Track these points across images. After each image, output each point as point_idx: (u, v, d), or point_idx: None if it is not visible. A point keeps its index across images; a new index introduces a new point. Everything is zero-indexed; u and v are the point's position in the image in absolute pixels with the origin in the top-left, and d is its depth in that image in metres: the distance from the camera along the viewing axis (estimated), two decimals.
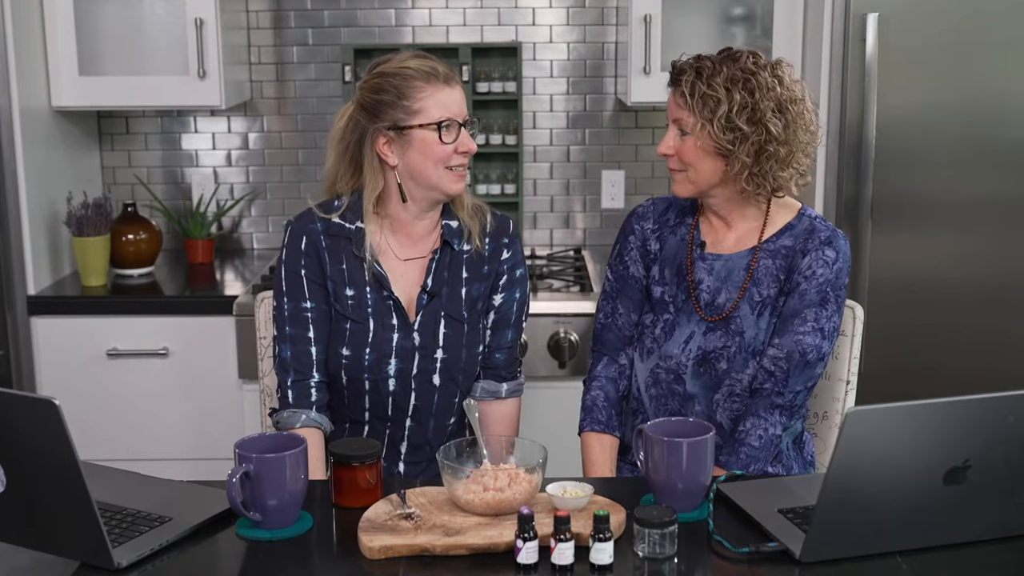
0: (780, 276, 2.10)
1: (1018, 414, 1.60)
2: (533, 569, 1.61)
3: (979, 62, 2.97)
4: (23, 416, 1.55)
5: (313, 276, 2.17)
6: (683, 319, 2.16)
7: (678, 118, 2.08)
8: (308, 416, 2.15)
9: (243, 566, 1.67)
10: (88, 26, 3.21)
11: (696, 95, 2.04)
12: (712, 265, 2.16)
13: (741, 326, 2.11)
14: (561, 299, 3.04)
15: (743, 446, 2.07)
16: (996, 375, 3.02)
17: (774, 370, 2.08)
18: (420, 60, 2.13)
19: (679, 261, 2.19)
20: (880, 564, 1.63)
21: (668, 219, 2.24)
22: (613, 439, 2.23)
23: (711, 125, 2.03)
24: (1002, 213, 3.04)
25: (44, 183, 3.20)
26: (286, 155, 3.64)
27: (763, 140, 2.03)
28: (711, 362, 2.12)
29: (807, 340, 2.06)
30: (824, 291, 2.07)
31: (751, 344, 2.10)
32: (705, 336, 2.13)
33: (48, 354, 3.11)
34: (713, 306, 2.14)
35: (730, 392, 2.12)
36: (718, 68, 2.05)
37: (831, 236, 2.10)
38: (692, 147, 2.07)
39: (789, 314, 2.08)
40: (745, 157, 2.04)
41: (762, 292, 2.11)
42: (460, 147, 2.11)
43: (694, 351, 2.13)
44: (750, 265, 2.12)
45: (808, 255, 2.08)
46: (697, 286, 2.15)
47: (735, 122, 2.02)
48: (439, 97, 2.10)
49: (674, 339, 2.15)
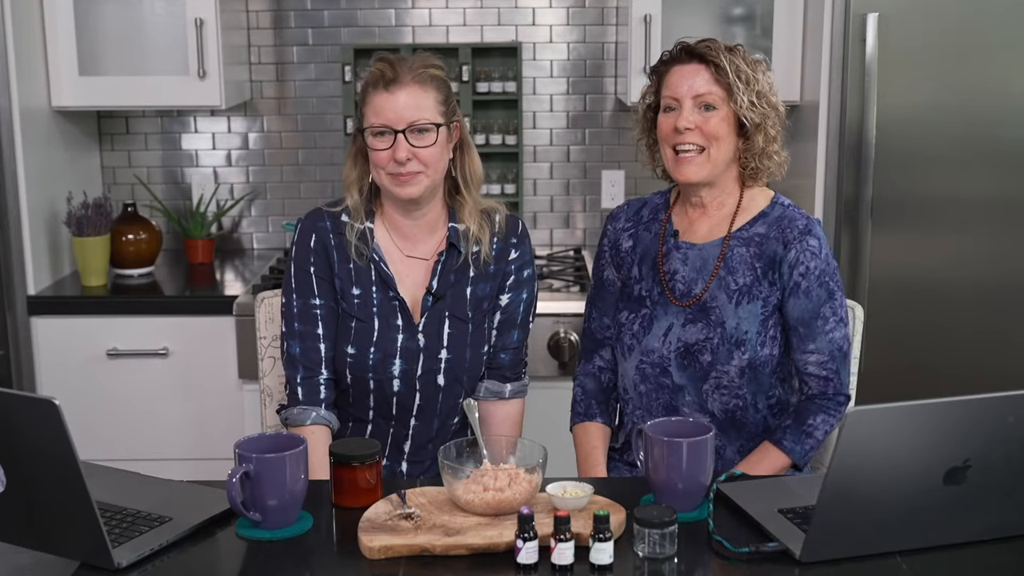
0: (756, 264, 2.12)
1: (1018, 414, 1.60)
2: (533, 569, 1.61)
3: (979, 62, 2.97)
4: (23, 416, 1.55)
5: (322, 274, 2.18)
6: (660, 311, 2.17)
7: (702, 93, 2.09)
8: (318, 414, 2.15)
9: (243, 566, 1.67)
10: (88, 26, 3.21)
11: (732, 70, 2.08)
12: (687, 254, 2.17)
13: (721, 316, 2.12)
14: (561, 299, 3.05)
15: (810, 438, 2.09)
16: (996, 375, 3.02)
17: (826, 373, 2.11)
18: (381, 64, 2.12)
19: (653, 255, 2.21)
20: (880, 564, 1.63)
21: (642, 216, 2.26)
22: (598, 425, 2.26)
23: (744, 98, 2.07)
24: (1002, 213, 3.04)
25: (44, 183, 3.20)
26: (286, 155, 3.64)
27: (774, 121, 2.12)
28: (694, 355, 2.12)
29: (837, 335, 2.10)
30: (824, 282, 2.10)
31: (733, 335, 2.11)
32: (684, 328, 2.14)
33: (48, 354, 3.11)
34: (689, 296, 2.15)
35: (718, 384, 2.12)
36: (735, 50, 2.12)
37: (808, 224, 2.13)
38: (719, 122, 2.09)
39: (809, 318, 2.10)
40: (764, 134, 2.11)
41: (738, 280, 2.12)
42: (396, 155, 2.09)
43: (674, 343, 2.14)
44: (722, 252, 2.14)
45: (791, 248, 2.10)
46: (672, 276, 2.17)
47: (766, 97, 2.11)
48: (376, 103, 2.10)
49: (653, 333, 2.16)
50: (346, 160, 2.23)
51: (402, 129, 2.08)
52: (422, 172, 2.11)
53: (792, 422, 2.11)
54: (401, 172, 2.10)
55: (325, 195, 3.60)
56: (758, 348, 2.11)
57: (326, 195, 3.59)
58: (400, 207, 2.18)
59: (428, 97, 2.11)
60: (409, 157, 2.09)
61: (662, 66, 2.16)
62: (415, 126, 2.09)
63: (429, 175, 2.12)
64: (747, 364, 2.11)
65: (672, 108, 2.12)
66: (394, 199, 2.16)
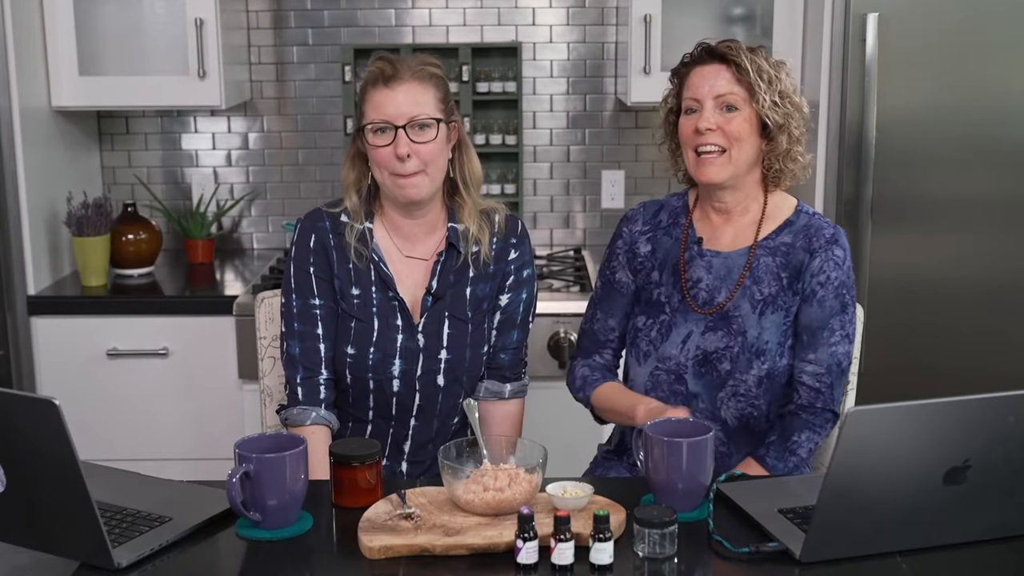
0: (781, 275, 2.10)
1: (1018, 414, 1.60)
2: (533, 569, 1.61)
3: (979, 62, 2.97)
4: (23, 416, 1.55)
5: (321, 274, 2.18)
6: (679, 319, 2.14)
7: (723, 93, 2.06)
8: (318, 414, 2.15)
9: (243, 566, 1.67)
10: (88, 26, 3.21)
11: (754, 69, 2.05)
12: (711, 262, 2.15)
13: (743, 326, 2.10)
14: (561, 299, 3.04)
15: (794, 456, 2.06)
16: (996, 375, 3.02)
17: (819, 386, 2.09)
18: (381, 62, 2.12)
19: (674, 261, 2.18)
20: (880, 564, 1.63)
21: (660, 220, 2.22)
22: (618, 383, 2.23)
23: (766, 98, 2.05)
24: (1002, 213, 3.04)
25: (44, 183, 3.20)
26: (286, 155, 3.64)
27: (798, 122, 2.09)
28: (713, 363, 2.11)
29: (840, 350, 2.09)
30: (841, 295, 2.09)
31: (754, 344, 2.09)
32: (704, 336, 2.12)
33: (48, 354, 3.11)
34: (711, 304, 2.13)
35: (734, 392, 2.11)
36: (757, 51, 2.09)
37: (835, 233, 2.11)
38: (741, 122, 2.06)
39: (817, 327, 2.08)
40: (788, 135, 2.08)
41: (763, 290, 2.10)
42: (397, 150, 2.08)
43: (693, 351, 2.12)
44: (748, 262, 2.12)
45: (817, 256, 2.08)
46: (695, 284, 2.14)
47: (789, 97, 2.08)
48: (376, 99, 2.10)
49: (671, 340, 2.14)
50: (344, 162, 2.23)
51: (402, 124, 2.08)
52: (423, 171, 2.10)
53: (776, 438, 2.08)
54: (403, 172, 2.10)
55: (325, 195, 3.60)
56: (777, 358, 2.09)
57: (326, 195, 3.59)
58: (400, 208, 2.18)
59: (427, 93, 2.11)
60: (409, 153, 2.08)
61: (683, 68, 2.13)
62: (415, 121, 2.09)
63: (430, 174, 2.11)
64: (766, 374, 2.09)
65: (693, 110, 2.09)
66: (394, 200, 2.16)
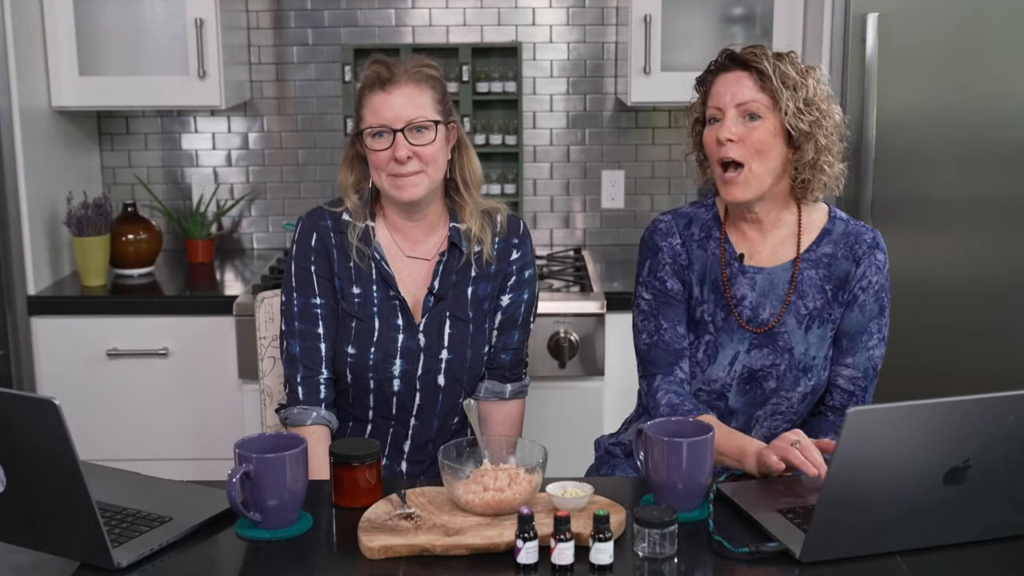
0: (826, 287, 2.06)
1: (1018, 414, 1.60)
2: (533, 569, 1.61)
3: (979, 62, 2.97)
4: (23, 416, 1.55)
5: (322, 272, 2.18)
6: (725, 338, 2.08)
7: (745, 101, 1.98)
8: (318, 414, 2.15)
9: (243, 566, 1.67)
10: (88, 26, 3.21)
11: (777, 76, 1.97)
12: (754, 279, 2.08)
13: (789, 342, 2.05)
14: (561, 299, 3.04)
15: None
16: (996, 375, 3.02)
17: (854, 389, 2.07)
18: (376, 65, 2.12)
19: (715, 277, 2.10)
20: (880, 564, 1.63)
21: (692, 233, 2.12)
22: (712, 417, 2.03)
23: (790, 105, 1.96)
24: (1002, 213, 3.04)
25: (44, 183, 3.20)
26: (286, 155, 3.64)
27: (828, 130, 2.00)
28: (758, 380, 2.07)
29: (876, 353, 2.08)
30: (880, 298, 2.07)
31: (801, 360, 2.05)
32: (749, 353, 2.07)
33: (48, 354, 3.11)
34: (756, 321, 2.07)
35: (774, 410, 2.08)
36: (784, 57, 2.01)
37: (875, 237, 2.09)
38: (764, 131, 1.98)
39: (856, 331, 2.07)
40: (815, 144, 1.99)
41: (808, 305, 2.06)
42: (396, 154, 2.08)
43: (739, 370, 2.08)
44: (793, 277, 2.07)
45: (862, 264, 2.06)
46: (739, 302, 2.07)
47: (816, 104, 1.99)
48: (373, 103, 2.10)
49: (719, 362, 2.08)
50: (341, 164, 2.22)
51: (400, 128, 2.08)
52: (422, 172, 2.10)
53: None
54: (401, 173, 2.10)
55: (325, 195, 3.60)
56: (822, 372, 2.07)
57: (326, 195, 3.59)
58: (400, 209, 2.18)
59: (424, 95, 2.11)
60: (409, 156, 2.08)
61: (707, 75, 2.06)
62: (413, 124, 2.09)
63: (429, 174, 2.12)
64: (811, 390, 2.07)
65: (716, 119, 2.02)
66: (394, 201, 2.16)
